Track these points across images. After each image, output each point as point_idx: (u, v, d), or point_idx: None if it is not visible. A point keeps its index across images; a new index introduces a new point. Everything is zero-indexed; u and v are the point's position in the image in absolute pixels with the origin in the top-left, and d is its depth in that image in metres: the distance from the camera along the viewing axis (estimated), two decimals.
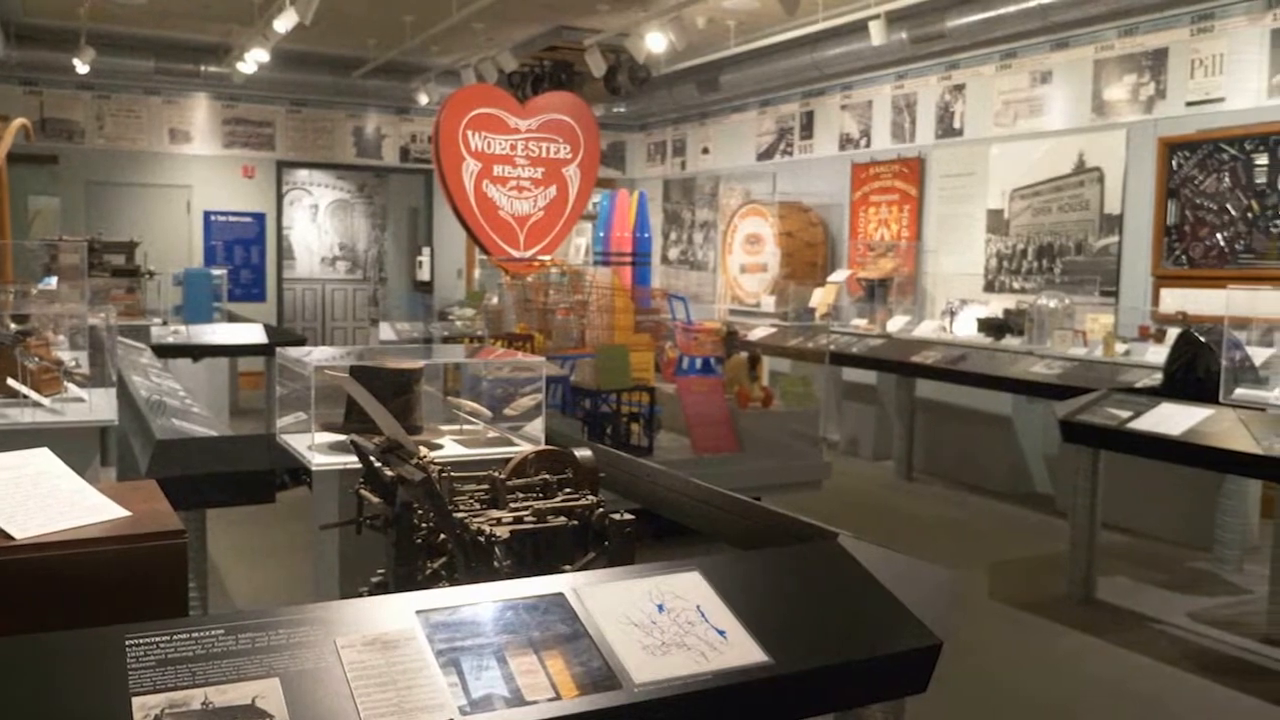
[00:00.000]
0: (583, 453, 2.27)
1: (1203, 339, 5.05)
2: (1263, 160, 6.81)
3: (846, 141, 10.40)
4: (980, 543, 6.19)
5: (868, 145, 10.13)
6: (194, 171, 11.79)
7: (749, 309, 10.66)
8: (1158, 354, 5.98)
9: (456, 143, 8.70)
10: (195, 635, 1.51)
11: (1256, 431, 4.27)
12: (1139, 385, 5.48)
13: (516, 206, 8.98)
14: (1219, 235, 7.09)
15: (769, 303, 10.42)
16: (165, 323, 7.88)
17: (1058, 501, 6.83)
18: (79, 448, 3.31)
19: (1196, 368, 5.02)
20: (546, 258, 8.08)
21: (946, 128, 9.27)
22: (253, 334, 7.86)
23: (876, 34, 7.90)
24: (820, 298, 9.39)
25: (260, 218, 12.18)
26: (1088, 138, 8.00)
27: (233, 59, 10.37)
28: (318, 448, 2.81)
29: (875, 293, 9.27)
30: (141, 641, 1.48)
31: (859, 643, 1.84)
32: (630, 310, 5.95)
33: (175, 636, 1.50)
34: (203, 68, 11.05)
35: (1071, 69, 8.14)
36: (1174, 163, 7.36)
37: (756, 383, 5.72)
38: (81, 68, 9.90)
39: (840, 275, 9.67)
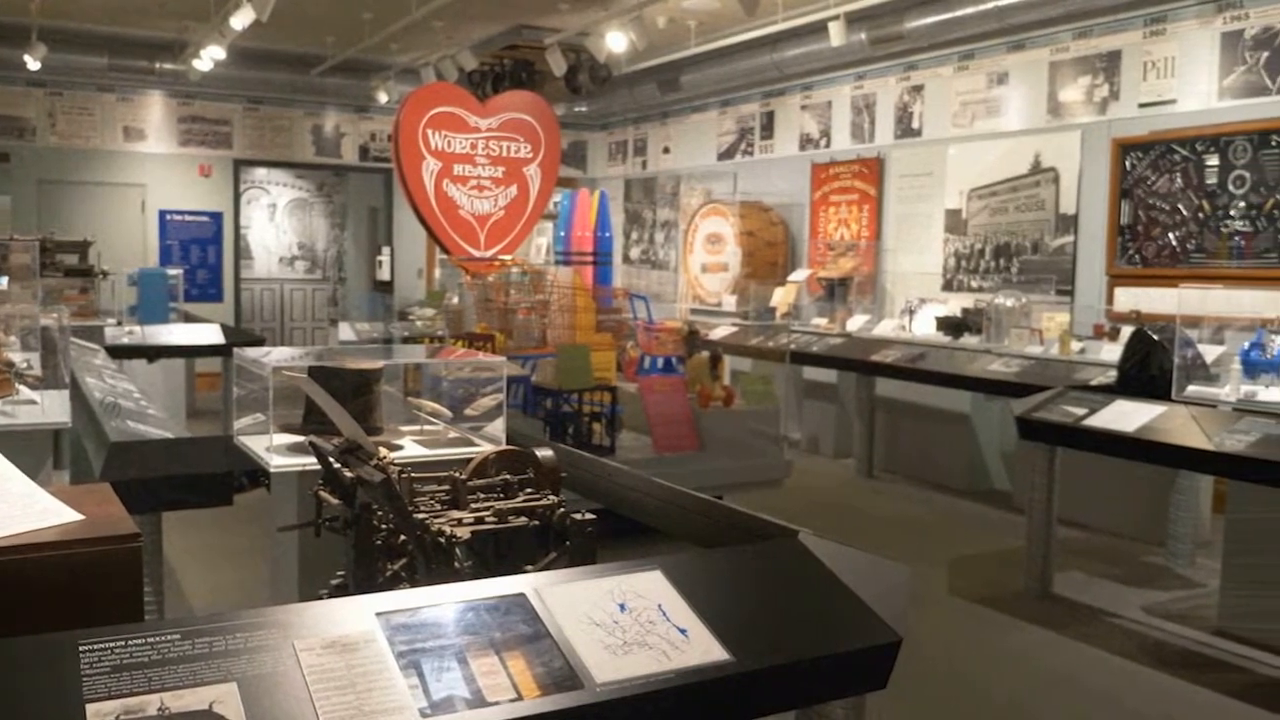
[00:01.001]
0: (544, 453, 2.27)
1: (1156, 337, 5.12)
2: (1213, 161, 6.93)
3: (806, 141, 10.46)
4: (939, 539, 6.24)
5: (827, 145, 10.19)
6: (149, 170, 11.64)
7: (710, 308, 10.69)
8: (1112, 352, 6.06)
9: (416, 142, 8.66)
10: (151, 640, 1.49)
11: (1208, 428, 4.35)
12: (1094, 383, 5.56)
13: (477, 206, 8.96)
14: (1171, 235, 7.20)
15: (730, 302, 10.45)
16: (120, 323, 7.77)
17: (1015, 498, 6.91)
18: (31, 450, 3.25)
19: (1150, 365, 5.09)
20: (507, 257, 8.06)
21: (905, 128, 9.35)
22: (210, 334, 7.76)
23: (836, 35, 7.95)
24: (781, 297, 9.43)
25: (217, 217, 12.04)
26: (1043, 138, 8.10)
27: (188, 56, 10.25)
28: (276, 449, 2.78)
29: (835, 292, 9.33)
30: (95, 647, 1.46)
31: (819, 640, 1.85)
32: (592, 310, 5.95)
33: (130, 642, 1.48)
34: (157, 65, 10.90)
35: (1027, 70, 8.24)
36: (1127, 163, 7.47)
37: (718, 382, 5.74)
38: (33, 64, 9.73)
39: (800, 274, 9.72)
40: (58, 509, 1.84)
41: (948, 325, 7.66)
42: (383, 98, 11.49)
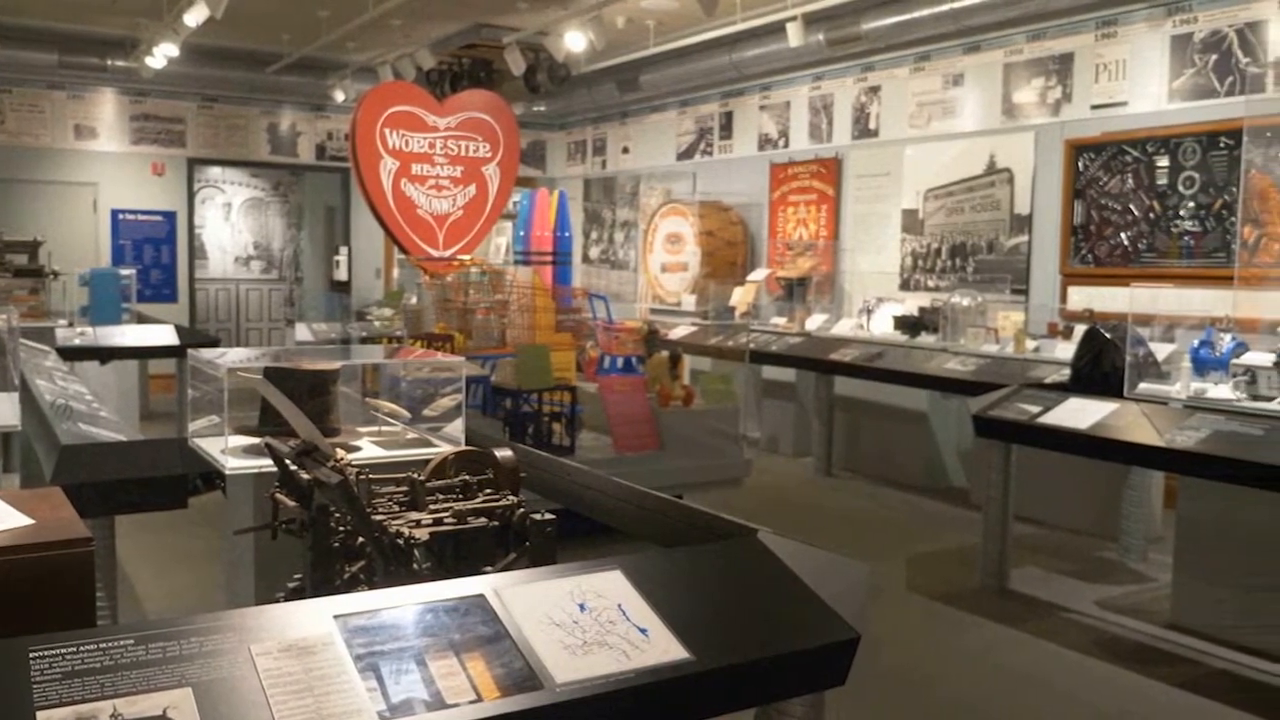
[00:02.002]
0: (503, 453, 2.27)
1: (1108, 335, 5.20)
2: (1163, 162, 7.04)
3: (765, 142, 10.51)
4: (897, 536, 6.29)
5: (786, 145, 10.24)
6: (100, 169, 11.46)
7: (670, 308, 10.70)
8: (1066, 350, 6.15)
9: (374, 141, 8.58)
10: (103, 646, 1.46)
11: (1159, 424, 4.42)
12: (1048, 381, 5.63)
13: (435, 205, 8.90)
14: (1123, 235, 7.31)
15: (690, 301, 10.47)
16: (71, 324, 7.64)
17: (972, 495, 6.98)
18: None
19: (1102, 363, 5.17)
20: (466, 257, 8.02)
21: (862, 129, 9.41)
22: (163, 335, 7.66)
23: (794, 36, 7.99)
24: (740, 296, 9.47)
25: (171, 216, 11.89)
26: (998, 139, 8.19)
27: (141, 53, 10.10)
28: (231, 451, 2.75)
29: (794, 291, 9.38)
30: (46, 653, 1.43)
31: (779, 638, 1.86)
32: (551, 309, 5.94)
33: (82, 647, 1.45)
34: (109, 62, 10.73)
35: (982, 72, 8.33)
36: (1080, 164, 7.57)
37: (677, 381, 5.75)
38: None
39: (760, 274, 9.77)
40: (8, 513, 1.81)
41: (905, 324, 7.73)
42: (339, 96, 11.40)
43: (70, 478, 2.95)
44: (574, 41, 8.54)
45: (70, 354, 6.64)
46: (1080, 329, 5.98)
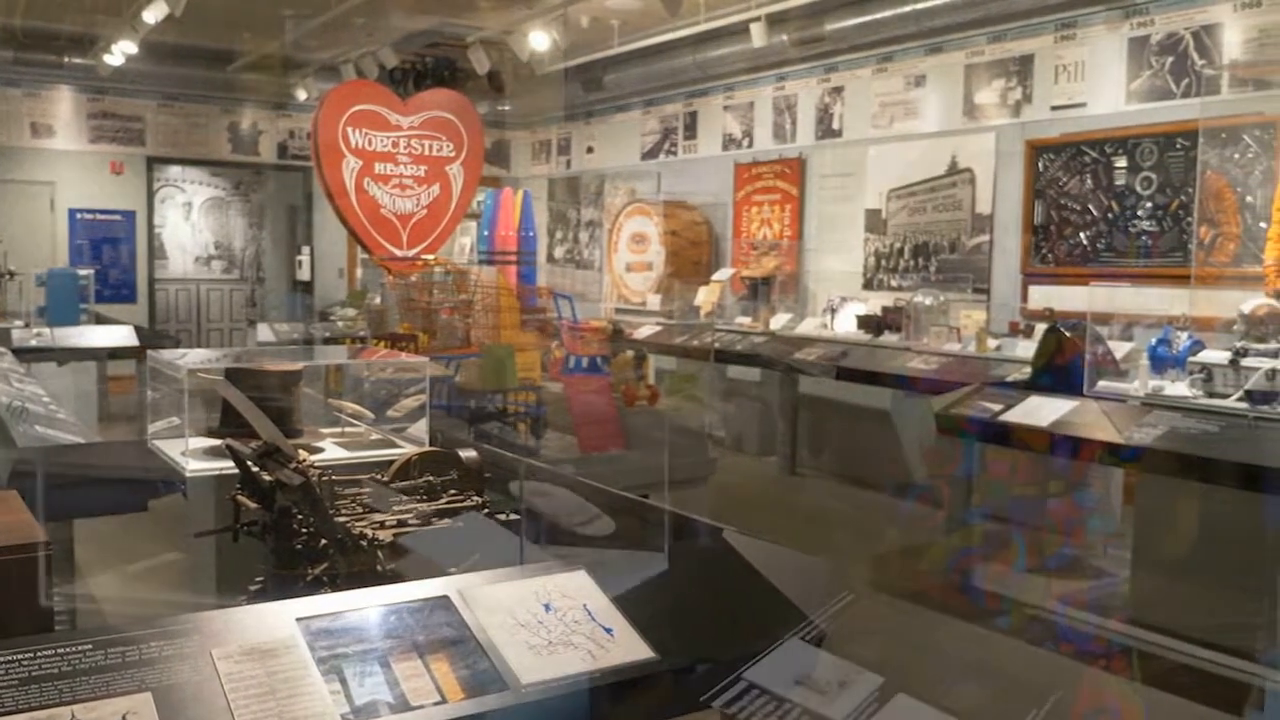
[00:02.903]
0: (468, 454, 2.26)
1: (1068, 334, 5.26)
2: (1122, 163, 7.13)
3: (729, 141, 10.53)
4: (861, 534, 6.33)
5: (750, 145, 10.27)
6: (57, 168, 11.29)
7: (635, 308, 10.71)
8: (1027, 349, 6.20)
9: (336, 140, 8.53)
10: (61, 651, 1.45)
11: (1118, 422, 4.48)
12: (1010, 379, 5.68)
13: (399, 205, 8.86)
14: (1082, 234, 7.40)
15: (654, 301, 10.48)
16: (28, 325, 7.54)
17: (934, 492, 7.03)
18: None
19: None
20: (430, 257, 7.99)
21: (826, 129, 9.46)
22: (122, 336, 7.58)
23: (757, 36, 8.02)
24: (705, 296, 9.48)
25: (130, 216, 11.73)
26: (960, 140, 8.26)
27: (99, 50, 9.97)
28: (192, 453, 2.73)
29: (758, 291, 9.40)
30: (3, 659, 1.41)
31: (744, 635, 1.87)
32: (516, 309, 5.93)
33: (40, 653, 1.44)
34: (66, 59, 10.58)
35: (944, 73, 8.39)
36: (1040, 164, 7.65)
37: (643, 381, 5.76)
38: None
39: (724, 274, 9.79)
40: None
41: (868, 324, 7.77)
42: (302, 95, 11.31)
43: (27, 481, 2.91)
44: (538, 41, 8.53)
45: (27, 355, 6.55)
46: (1041, 328, 6.04)
